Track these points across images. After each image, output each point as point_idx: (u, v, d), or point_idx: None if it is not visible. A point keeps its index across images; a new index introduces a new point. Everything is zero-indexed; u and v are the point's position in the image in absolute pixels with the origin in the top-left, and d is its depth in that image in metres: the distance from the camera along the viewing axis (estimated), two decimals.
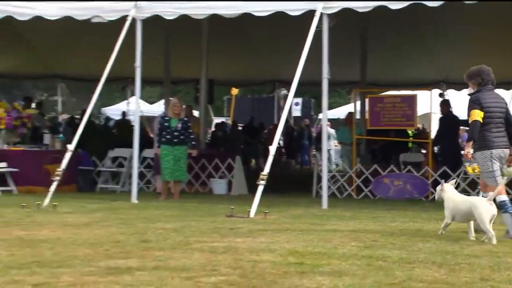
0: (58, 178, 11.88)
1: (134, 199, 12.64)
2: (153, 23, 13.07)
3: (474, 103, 8.28)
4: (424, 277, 5.85)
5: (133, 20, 12.75)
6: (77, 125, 17.90)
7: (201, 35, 16.09)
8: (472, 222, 8.07)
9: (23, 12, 13.18)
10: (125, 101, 27.55)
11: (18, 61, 21.25)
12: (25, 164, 14.01)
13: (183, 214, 10.59)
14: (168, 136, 13.48)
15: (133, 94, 24.45)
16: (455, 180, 8.82)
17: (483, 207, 7.80)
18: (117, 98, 38.78)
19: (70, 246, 7.39)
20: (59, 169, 12.04)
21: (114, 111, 28.47)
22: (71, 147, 12.33)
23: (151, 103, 33.90)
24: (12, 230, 8.61)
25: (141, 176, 14.74)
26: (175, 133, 13.48)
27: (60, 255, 6.88)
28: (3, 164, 13.75)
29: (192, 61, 18.02)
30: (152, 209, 11.34)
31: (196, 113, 19.27)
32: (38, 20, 13.29)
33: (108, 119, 22.70)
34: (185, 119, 13.73)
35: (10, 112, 14.01)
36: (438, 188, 8.38)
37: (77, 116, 24.02)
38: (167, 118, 13.64)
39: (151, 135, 19.90)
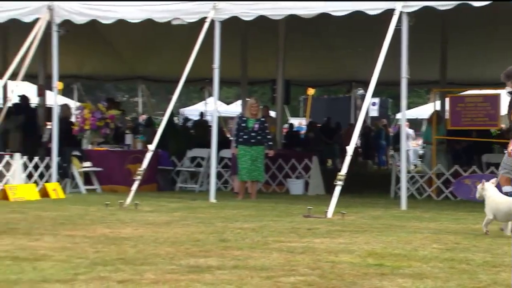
0: (139, 177, 12.13)
1: (212, 198, 12.77)
2: (230, 24, 13.20)
3: None
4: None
5: (212, 22, 12.89)
6: (155, 126, 18.37)
7: (277, 35, 16.13)
8: (511, 222, 8.21)
9: (107, 15, 13.53)
10: (203, 102, 27.91)
11: (102, 64, 21.86)
12: (108, 163, 14.38)
13: (260, 214, 10.64)
14: (245, 137, 13.58)
15: (210, 95, 24.78)
16: (496, 179, 8.85)
17: None
18: (195, 99, 39.34)
19: (152, 244, 7.54)
20: (140, 169, 12.29)
21: (192, 112, 28.90)
22: (151, 147, 12.58)
23: (228, 103, 34.21)
24: (97, 227, 8.86)
25: (219, 176, 14.89)
26: (252, 134, 13.56)
27: (142, 252, 7.04)
28: (88, 164, 14.16)
29: (268, 62, 18.10)
30: (230, 209, 11.44)
31: (272, 113, 19.33)
32: (120, 23, 13.62)
33: (186, 119, 23.04)
34: (262, 119, 13.79)
35: (94, 113, 14.40)
36: (479, 186, 8.45)
37: (157, 117, 24.51)
38: (244, 118, 13.74)
39: (228, 135, 20.12)
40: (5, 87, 17.55)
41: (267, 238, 8.05)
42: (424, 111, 27.78)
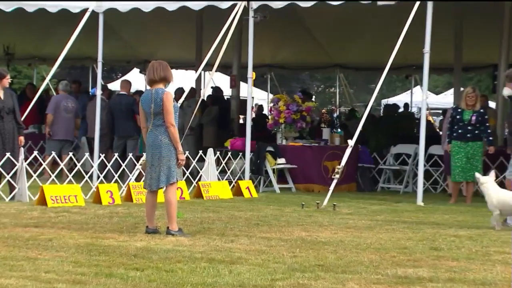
0: (337, 176, 12.18)
1: (419, 201, 12.56)
2: (443, 4, 12.84)
3: None
4: None
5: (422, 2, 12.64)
6: (357, 118, 18.35)
7: (500, 16, 15.48)
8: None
9: None
10: (408, 92, 27.51)
11: (297, 51, 22.22)
12: (303, 160, 14.58)
13: (478, 220, 10.28)
14: (460, 131, 13.15)
15: (417, 84, 24.38)
16: (494, 171, 9.54)
17: None
18: (398, 88, 38.92)
19: (354, 250, 7.57)
20: (338, 167, 12.34)
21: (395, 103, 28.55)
22: (351, 142, 12.59)
23: (437, 93, 33.44)
24: (294, 230, 9.03)
25: (427, 175, 14.59)
26: (469, 127, 13.09)
27: (343, 259, 7.08)
28: (282, 160, 14.46)
29: (487, 45, 17.41)
30: (441, 213, 11.19)
31: (492, 104, 18.57)
32: (318, 7, 13.70)
33: (388, 111, 22.80)
34: (481, 111, 13.27)
35: (289, 105, 14.66)
36: (477, 179, 9.41)
37: (356, 109, 24.53)
38: (459, 109, 13.30)
39: (438, 130, 19.65)
40: (199, 79, 18.42)
41: (488, 248, 7.77)
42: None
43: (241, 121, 19.25)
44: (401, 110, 22.52)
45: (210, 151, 13.67)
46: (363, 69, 23.83)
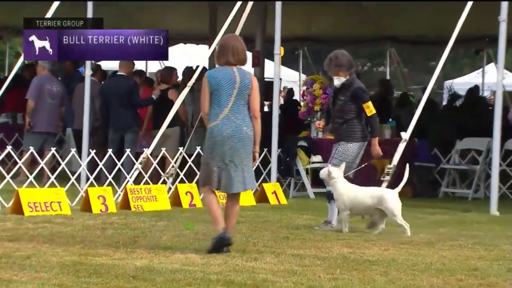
0: (388, 178, 12.18)
1: (493, 209, 12.55)
2: None
3: None
4: None
5: None
6: (413, 105, 18.26)
7: None
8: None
9: None
10: (479, 71, 27.32)
11: (336, 21, 22.13)
12: None
13: None
14: None
15: (490, 60, 24.22)
16: (344, 163, 10.32)
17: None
18: (466, 66, 38.67)
19: (409, 272, 7.56)
20: (389, 166, 12.33)
21: (461, 85, 28.37)
22: (405, 135, 12.56)
23: None
24: (333, 245, 9.04)
25: (504, 177, 14.53)
26: None
27: (396, 283, 7.08)
28: (318, 158, 14.45)
29: None
30: None
31: None
32: None
33: (454, 96, 22.69)
34: None
35: (327, 88, 14.62)
36: (324, 172, 10.23)
37: (411, 93, 24.41)
38: None
39: None
40: (213, 56, 18.41)
41: None
42: None
43: (265, 108, 19.28)
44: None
45: None
46: (421, 42, 23.68)
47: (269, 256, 8.22)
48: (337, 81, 10.56)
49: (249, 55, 21.18)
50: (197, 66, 14.48)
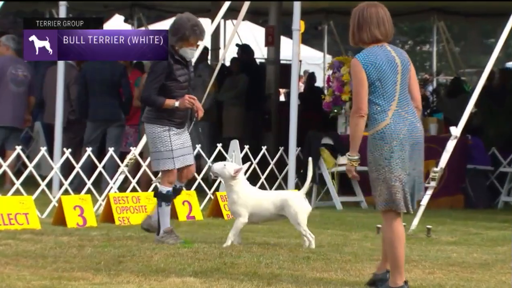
0: (433, 184, 12.19)
1: None
2: None
3: None
4: None
5: None
6: (467, 93, 18.24)
7: None
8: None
9: None
10: None
11: None
12: None
13: None
14: None
15: None
16: (248, 164, 10.92)
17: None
18: None
19: None
20: (435, 169, 12.34)
21: None
22: (456, 131, 12.53)
23: None
24: (365, 267, 9.04)
25: None
26: None
27: None
28: (346, 160, 14.44)
29: None
30: None
31: None
32: None
33: None
34: None
35: None
36: (217, 168, 10.32)
37: (464, 79, 24.36)
38: None
39: None
40: (217, 32, 18.48)
41: None
42: None
43: (282, 97, 19.31)
44: None
45: (234, 144, 13.68)
46: (476, 15, 23.68)
47: (286, 280, 8.22)
48: None
49: (261, 31, 21.33)
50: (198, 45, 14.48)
